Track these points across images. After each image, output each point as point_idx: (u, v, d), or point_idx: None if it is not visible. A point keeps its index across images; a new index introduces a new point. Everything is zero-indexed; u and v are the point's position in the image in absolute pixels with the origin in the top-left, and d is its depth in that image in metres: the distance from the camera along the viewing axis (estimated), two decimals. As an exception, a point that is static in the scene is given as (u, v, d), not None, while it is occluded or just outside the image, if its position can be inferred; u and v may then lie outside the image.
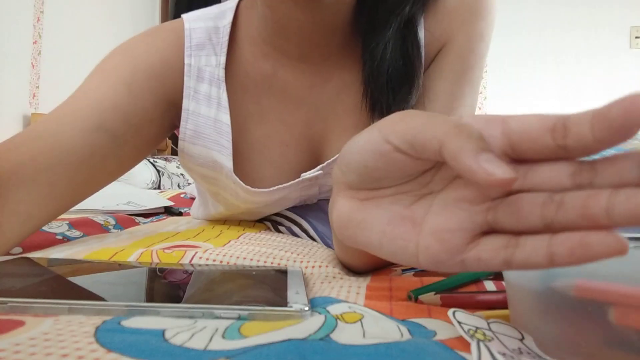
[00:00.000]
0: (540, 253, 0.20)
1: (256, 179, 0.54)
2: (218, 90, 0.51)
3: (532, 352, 0.21)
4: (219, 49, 0.52)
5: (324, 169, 0.55)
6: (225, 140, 0.52)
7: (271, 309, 0.25)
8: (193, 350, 0.20)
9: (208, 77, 0.51)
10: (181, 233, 0.54)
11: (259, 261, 0.40)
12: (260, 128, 0.54)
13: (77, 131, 0.44)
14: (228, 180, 0.53)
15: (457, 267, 0.23)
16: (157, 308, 0.25)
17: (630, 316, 0.19)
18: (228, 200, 0.57)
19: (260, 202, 0.55)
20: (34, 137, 0.43)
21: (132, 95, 0.47)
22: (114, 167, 0.49)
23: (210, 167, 0.54)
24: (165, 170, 2.34)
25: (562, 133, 0.20)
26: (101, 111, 0.46)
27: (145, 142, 0.51)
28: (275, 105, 0.53)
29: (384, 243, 0.26)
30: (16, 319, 0.23)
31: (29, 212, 0.42)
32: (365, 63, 0.50)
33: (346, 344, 0.22)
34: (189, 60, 0.51)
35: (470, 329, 0.22)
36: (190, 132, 0.52)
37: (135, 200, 0.93)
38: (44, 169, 0.42)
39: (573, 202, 0.20)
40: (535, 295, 0.23)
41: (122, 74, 0.48)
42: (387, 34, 0.47)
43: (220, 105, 0.52)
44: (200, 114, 0.52)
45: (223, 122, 0.52)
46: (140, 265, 0.36)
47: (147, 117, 0.49)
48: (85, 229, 0.58)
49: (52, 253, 0.42)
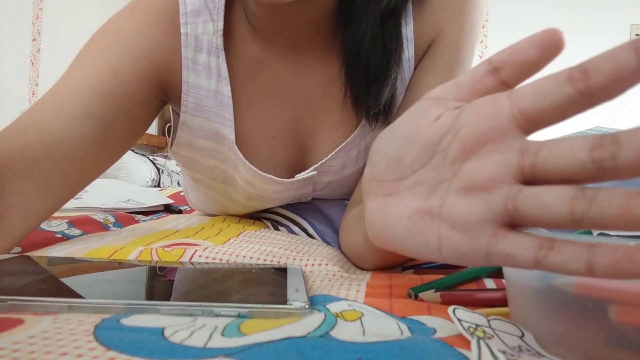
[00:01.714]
0: (580, 260, 0.19)
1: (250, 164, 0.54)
2: (217, 59, 0.50)
3: (532, 349, 0.21)
4: (215, 14, 0.50)
5: (318, 169, 0.55)
6: (227, 113, 0.51)
7: (271, 307, 0.25)
8: (192, 348, 0.20)
9: (206, 46, 0.50)
10: (181, 231, 0.54)
11: (258, 259, 0.40)
12: (247, 118, 0.52)
13: (63, 121, 0.43)
14: (230, 151, 0.53)
15: (482, 260, 0.23)
16: (156, 306, 0.25)
17: (631, 313, 0.19)
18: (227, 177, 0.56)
19: (255, 184, 0.55)
20: (20, 131, 0.42)
21: (118, 80, 0.46)
22: (107, 154, 0.47)
23: (212, 139, 0.53)
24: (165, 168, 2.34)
25: (582, 76, 0.20)
26: (86, 98, 0.44)
27: (136, 125, 0.49)
28: (263, 94, 0.52)
29: (408, 240, 0.26)
30: (15, 317, 0.23)
31: (26, 205, 0.41)
32: (344, 58, 0.49)
33: (346, 342, 0.22)
34: (185, 29, 0.49)
35: (470, 326, 0.22)
36: (192, 105, 0.51)
37: (135, 198, 0.93)
38: (34, 161, 0.41)
39: (610, 200, 0.18)
40: (536, 293, 0.23)
41: (107, 58, 0.46)
42: (363, 28, 0.46)
43: (220, 76, 0.50)
44: (200, 86, 0.50)
45: (224, 93, 0.50)
46: (140, 264, 0.36)
47: (136, 100, 0.47)
48: (85, 227, 0.58)
49: (52, 251, 0.42)
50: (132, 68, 0.47)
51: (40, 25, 2.43)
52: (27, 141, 0.42)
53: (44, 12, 2.44)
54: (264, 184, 0.54)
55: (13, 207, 0.40)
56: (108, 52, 0.47)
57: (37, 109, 0.44)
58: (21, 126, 0.43)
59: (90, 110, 0.44)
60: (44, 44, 2.45)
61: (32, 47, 2.40)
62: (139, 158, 2.33)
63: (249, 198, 0.58)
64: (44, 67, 2.45)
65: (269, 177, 0.53)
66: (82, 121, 0.44)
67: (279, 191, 0.57)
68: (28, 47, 2.38)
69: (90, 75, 0.45)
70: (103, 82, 0.45)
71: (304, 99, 0.53)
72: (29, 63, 2.39)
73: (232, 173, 0.55)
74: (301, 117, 0.54)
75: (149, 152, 3.02)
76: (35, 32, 2.41)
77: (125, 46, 0.47)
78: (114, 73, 0.46)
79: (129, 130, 0.48)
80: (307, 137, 0.55)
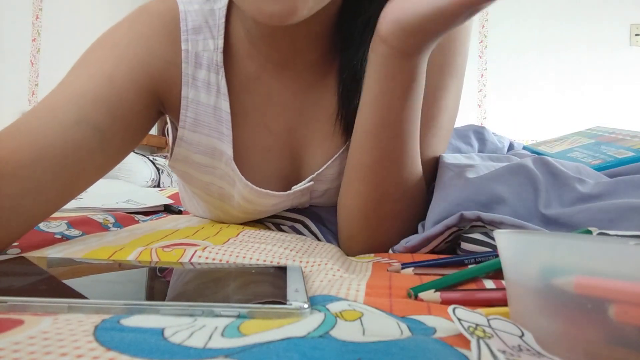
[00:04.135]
0: None
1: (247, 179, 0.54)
2: (217, 76, 0.50)
3: (531, 349, 0.21)
4: (215, 32, 0.50)
5: (314, 179, 0.55)
6: (225, 128, 0.51)
7: (271, 307, 0.25)
8: (192, 348, 0.20)
9: (206, 63, 0.50)
10: (180, 231, 0.54)
11: (258, 259, 0.40)
12: (243, 130, 0.53)
13: (57, 125, 0.43)
14: (227, 167, 0.53)
15: None
16: (156, 306, 0.25)
17: (630, 313, 0.19)
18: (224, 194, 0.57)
19: (252, 200, 0.55)
20: (14, 134, 0.42)
21: (114, 88, 0.46)
22: (102, 161, 0.47)
23: (210, 155, 0.53)
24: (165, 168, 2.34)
25: None
26: (81, 105, 0.44)
27: (132, 133, 0.49)
28: (258, 108, 0.53)
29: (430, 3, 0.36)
30: (15, 318, 0.23)
31: (15, 207, 0.41)
32: (340, 83, 0.51)
33: (346, 341, 0.22)
34: (185, 46, 0.49)
35: (470, 325, 0.22)
36: (190, 120, 0.51)
37: (135, 199, 0.94)
38: (25, 164, 0.41)
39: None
40: (535, 292, 0.23)
41: (104, 66, 0.46)
42: (361, 53, 0.48)
43: (219, 92, 0.51)
44: (199, 101, 0.51)
45: (222, 109, 0.51)
46: (140, 264, 0.36)
47: (132, 109, 0.47)
48: (85, 228, 0.58)
49: (51, 252, 0.42)
50: (128, 77, 0.47)
51: (40, 26, 2.43)
52: (19, 144, 0.42)
53: (44, 12, 2.44)
54: (261, 198, 0.54)
55: (2, 210, 0.40)
56: (105, 61, 0.47)
57: (32, 114, 0.44)
58: (15, 130, 0.43)
59: (84, 116, 0.44)
60: (44, 44, 2.45)
61: (31, 48, 2.40)
62: (139, 158, 2.33)
63: (245, 212, 0.59)
64: (43, 68, 2.45)
65: (265, 192, 0.54)
66: (75, 127, 0.44)
67: (276, 203, 0.57)
68: (28, 48, 2.38)
69: (86, 82, 0.45)
70: (99, 89, 0.45)
71: (298, 111, 0.53)
72: (28, 63, 2.39)
73: (228, 190, 0.56)
74: (295, 128, 0.54)
75: (149, 152, 3.02)
76: (35, 33, 2.41)
77: (122, 56, 0.47)
78: (110, 81, 0.46)
79: (126, 138, 0.48)
80: (299, 148, 0.55)
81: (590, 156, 0.65)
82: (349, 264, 0.44)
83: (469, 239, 0.46)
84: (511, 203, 0.45)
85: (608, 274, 0.20)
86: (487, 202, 0.46)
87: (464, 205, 0.46)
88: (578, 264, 0.21)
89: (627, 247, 0.20)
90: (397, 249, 0.49)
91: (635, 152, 0.61)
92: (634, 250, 0.20)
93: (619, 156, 0.62)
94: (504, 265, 0.24)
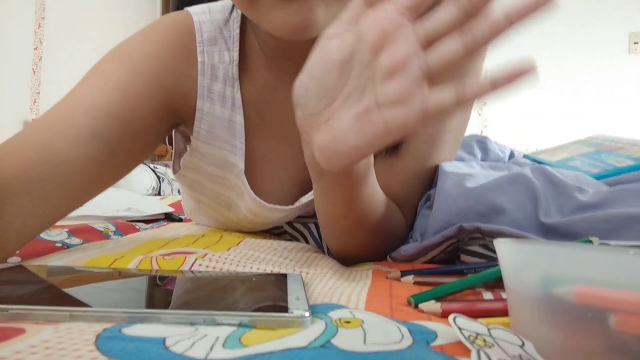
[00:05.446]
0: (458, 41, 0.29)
1: (257, 192, 0.54)
2: (232, 89, 0.50)
3: (532, 358, 0.21)
4: (230, 43, 0.50)
5: None
6: (238, 141, 0.51)
7: (272, 315, 0.25)
8: (194, 359, 0.20)
9: (222, 76, 0.50)
10: (181, 239, 0.54)
11: (259, 268, 0.40)
12: (258, 141, 0.53)
13: (70, 140, 0.42)
14: (237, 180, 0.53)
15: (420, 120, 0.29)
16: (158, 314, 0.25)
17: (631, 322, 0.19)
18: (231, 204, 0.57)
19: (259, 214, 0.55)
20: (24, 147, 0.41)
21: (128, 102, 0.45)
22: (109, 176, 0.47)
23: (221, 167, 0.53)
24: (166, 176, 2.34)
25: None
26: (94, 119, 0.43)
27: (142, 148, 0.49)
28: (275, 120, 0.53)
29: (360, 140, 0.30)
30: (17, 327, 0.23)
31: (23, 223, 0.40)
32: None
33: (347, 351, 0.22)
34: (202, 58, 0.49)
35: (471, 335, 0.22)
36: (204, 132, 0.51)
37: (136, 207, 0.94)
38: (36, 181, 0.40)
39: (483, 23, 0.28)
40: (536, 302, 0.23)
41: (118, 79, 0.46)
42: None
43: (234, 105, 0.51)
44: (214, 114, 0.50)
45: (237, 122, 0.51)
46: (141, 273, 0.36)
47: (144, 123, 0.47)
48: (85, 236, 0.58)
49: (52, 260, 0.42)
50: (142, 91, 0.46)
51: (42, 34, 2.44)
52: (31, 160, 0.40)
53: (46, 21, 2.45)
54: (268, 212, 0.55)
55: (9, 228, 0.39)
56: (118, 73, 0.46)
57: (41, 126, 0.42)
58: (25, 143, 0.41)
59: (97, 131, 0.43)
60: (46, 52, 2.46)
61: (33, 56, 2.41)
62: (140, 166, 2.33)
63: (252, 223, 0.59)
64: (45, 76, 2.45)
65: (273, 207, 0.54)
66: (88, 142, 0.43)
67: (282, 217, 0.57)
68: (30, 56, 2.39)
69: (99, 95, 0.44)
70: (112, 103, 0.44)
71: None
72: (30, 72, 2.40)
73: (236, 201, 0.56)
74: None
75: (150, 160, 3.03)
76: (37, 41, 2.42)
77: (136, 69, 0.46)
78: (124, 95, 0.45)
79: (134, 154, 0.48)
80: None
81: (590, 165, 0.65)
82: (349, 273, 0.44)
83: (468, 251, 0.46)
84: (510, 212, 0.45)
85: (608, 284, 0.21)
86: (487, 212, 0.46)
87: (463, 215, 0.46)
88: (578, 274, 0.21)
89: (627, 256, 0.20)
90: (395, 255, 0.49)
91: (635, 161, 0.61)
92: (634, 260, 0.20)
93: (619, 165, 0.62)
94: (505, 274, 0.25)
